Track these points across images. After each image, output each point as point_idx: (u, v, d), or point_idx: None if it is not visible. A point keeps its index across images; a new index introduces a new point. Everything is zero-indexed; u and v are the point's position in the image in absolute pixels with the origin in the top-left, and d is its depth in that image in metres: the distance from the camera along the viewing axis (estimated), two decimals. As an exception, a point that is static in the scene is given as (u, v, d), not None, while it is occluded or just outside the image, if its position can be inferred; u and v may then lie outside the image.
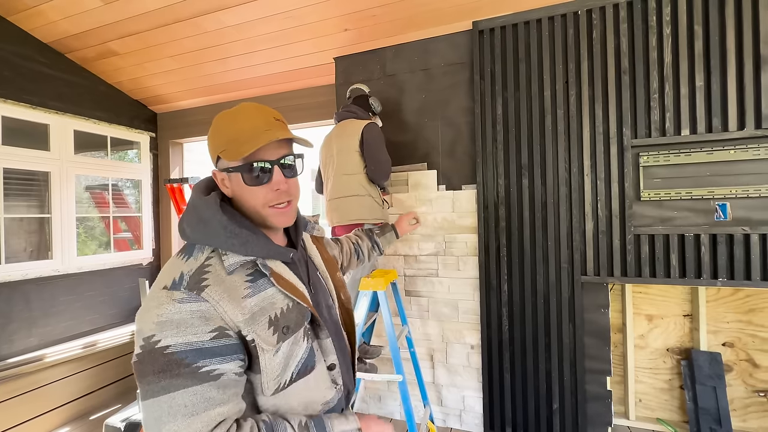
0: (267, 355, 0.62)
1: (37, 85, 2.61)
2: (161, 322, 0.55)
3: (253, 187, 0.66)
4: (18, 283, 2.51)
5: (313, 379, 0.68)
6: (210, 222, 0.63)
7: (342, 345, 0.80)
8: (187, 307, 0.56)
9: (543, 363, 2.02)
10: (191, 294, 0.57)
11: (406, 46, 2.34)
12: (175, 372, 0.53)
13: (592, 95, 1.93)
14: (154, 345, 0.54)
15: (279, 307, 0.65)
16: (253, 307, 0.62)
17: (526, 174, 2.05)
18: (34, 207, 2.71)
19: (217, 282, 0.60)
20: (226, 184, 0.69)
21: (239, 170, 0.65)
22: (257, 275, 0.65)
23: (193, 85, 2.99)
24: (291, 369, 0.65)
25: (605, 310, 1.94)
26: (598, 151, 1.91)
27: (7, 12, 2.40)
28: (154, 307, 0.56)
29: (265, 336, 0.62)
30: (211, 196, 0.67)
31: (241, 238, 0.63)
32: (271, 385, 0.63)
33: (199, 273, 0.60)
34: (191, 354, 0.54)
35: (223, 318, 0.58)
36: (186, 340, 0.55)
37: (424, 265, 2.30)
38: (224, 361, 0.57)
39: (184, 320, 0.55)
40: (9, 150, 2.48)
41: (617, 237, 1.89)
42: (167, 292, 0.58)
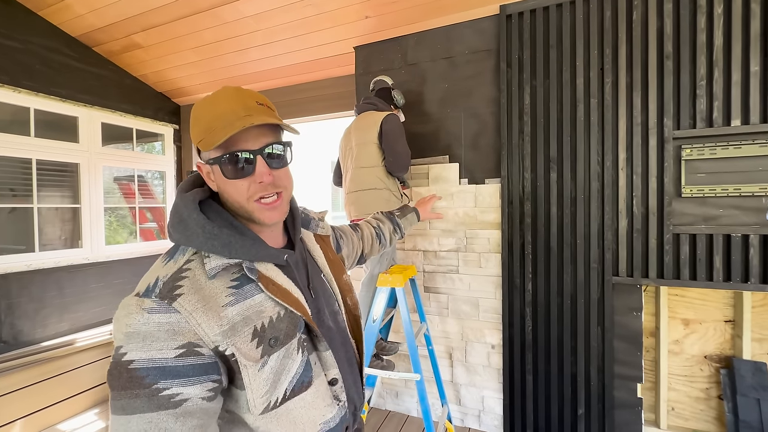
0: (250, 371, 0.54)
1: (66, 78, 2.68)
2: (129, 333, 0.49)
3: (234, 180, 0.59)
4: (51, 270, 2.61)
5: (310, 396, 0.61)
6: (188, 222, 0.57)
7: (349, 355, 0.73)
8: (156, 318, 0.50)
9: (568, 366, 1.93)
10: (162, 303, 0.51)
11: (429, 33, 2.25)
12: (134, 392, 0.47)
13: (630, 83, 1.78)
14: (121, 358, 0.49)
15: (267, 315, 0.58)
16: (234, 317, 0.54)
17: (555, 168, 1.93)
18: (68, 197, 2.81)
19: (194, 289, 0.53)
20: (211, 177, 0.62)
21: (218, 162, 0.58)
22: (244, 280, 0.58)
23: (214, 77, 3.00)
24: (284, 386, 0.58)
25: (638, 314, 1.82)
26: (635, 143, 1.78)
27: (37, 6, 2.46)
28: (124, 316, 0.50)
29: (247, 349, 0.54)
30: (190, 193, 0.60)
31: (221, 239, 0.56)
32: (258, 404, 0.55)
33: (174, 279, 0.53)
34: (152, 372, 0.48)
35: (196, 332, 0.51)
36: (149, 355, 0.48)
37: (444, 262, 2.23)
38: (189, 383, 0.49)
39: (151, 333, 0.49)
40: (41, 142, 2.57)
41: (654, 236, 1.76)
42: (138, 299, 0.51)
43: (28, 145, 2.51)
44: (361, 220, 1.14)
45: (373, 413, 2.37)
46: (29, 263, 2.50)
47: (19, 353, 2.34)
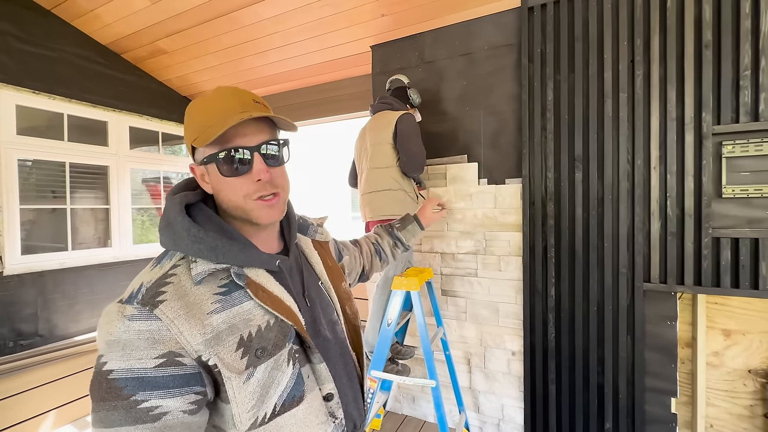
0: (234, 383, 0.51)
1: (96, 84, 2.80)
2: (109, 341, 0.47)
3: (230, 178, 0.57)
4: (83, 268, 2.74)
5: (302, 413, 0.57)
6: (174, 225, 0.55)
7: (349, 368, 0.69)
8: (136, 326, 0.47)
9: (594, 377, 1.82)
10: (143, 310, 0.48)
11: (446, 29, 2.19)
12: (112, 404, 0.45)
13: (664, 75, 1.66)
14: (101, 367, 0.47)
15: (256, 324, 0.55)
16: (219, 325, 0.52)
17: (580, 167, 1.83)
18: (100, 198, 2.93)
19: (178, 296, 0.51)
20: (205, 179, 0.61)
21: (213, 159, 0.57)
22: (232, 286, 0.55)
23: (234, 80, 3.05)
24: (272, 400, 0.54)
25: (672, 323, 1.70)
26: (669, 140, 1.65)
27: (70, 17, 2.58)
28: (105, 324, 0.48)
29: (230, 360, 0.51)
30: (177, 195, 0.58)
31: (207, 243, 0.54)
32: (244, 419, 0.52)
33: (158, 285, 0.51)
34: (131, 383, 0.46)
35: (178, 340, 0.49)
36: (128, 365, 0.46)
37: (462, 264, 2.16)
38: (169, 395, 0.47)
39: (131, 341, 0.47)
40: (74, 146, 2.69)
41: (690, 240, 1.63)
42: (119, 306, 0.50)
43: (62, 149, 2.64)
44: (361, 237, 1.09)
45: (389, 417, 2.34)
46: (63, 261, 2.63)
47: (54, 347, 2.47)
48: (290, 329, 0.58)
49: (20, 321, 2.42)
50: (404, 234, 1.14)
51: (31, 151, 2.48)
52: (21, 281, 2.42)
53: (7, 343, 2.36)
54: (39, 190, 2.59)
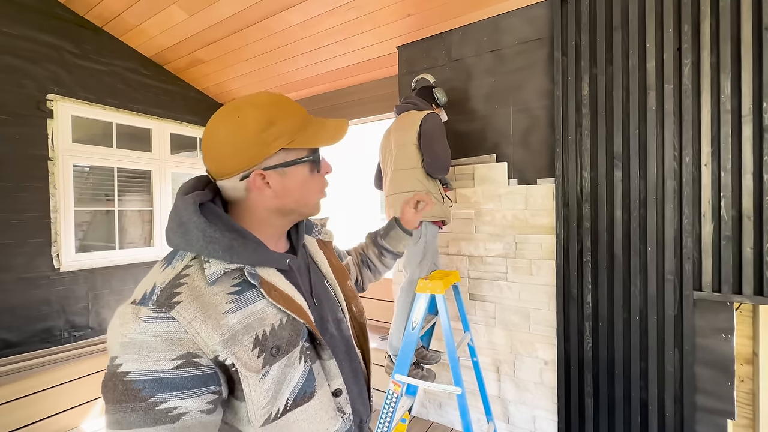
0: (251, 382, 0.51)
1: (141, 94, 3.00)
2: (124, 343, 0.47)
3: (319, 175, 0.65)
4: (129, 266, 2.94)
5: (313, 408, 0.58)
6: (187, 225, 0.54)
7: (354, 366, 0.69)
8: (153, 328, 0.47)
9: (637, 391, 1.69)
10: (159, 312, 0.48)
11: (474, 26, 2.13)
12: (130, 405, 0.45)
13: (717, 63, 1.51)
14: (116, 369, 0.46)
15: (269, 323, 0.55)
16: (234, 325, 0.52)
17: (619, 165, 1.71)
18: (144, 201, 3.14)
19: (193, 296, 0.51)
20: (270, 185, 0.59)
21: (304, 160, 0.61)
22: (245, 286, 0.55)
23: (267, 86, 3.15)
24: (285, 396, 0.55)
25: (728, 336, 1.53)
26: (723, 134, 1.50)
27: (119, 32, 2.78)
28: (119, 326, 0.48)
29: (248, 359, 0.52)
30: (190, 195, 0.57)
31: (222, 243, 0.53)
32: (259, 415, 0.52)
33: (173, 286, 0.51)
34: (149, 385, 0.46)
35: (195, 341, 0.49)
36: (146, 367, 0.46)
37: (491, 268, 2.09)
38: (187, 396, 0.47)
39: (147, 343, 0.47)
40: (121, 152, 2.90)
41: (749, 244, 1.46)
42: (134, 307, 0.49)
43: (111, 155, 2.85)
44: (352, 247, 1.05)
45: (415, 422, 2.29)
46: (112, 259, 2.83)
47: (102, 339, 2.66)
48: (302, 327, 0.58)
49: (74, 314, 2.63)
50: (388, 241, 1.03)
51: (84, 158, 2.70)
52: (75, 277, 2.63)
53: (62, 334, 2.57)
54: (91, 193, 2.81)
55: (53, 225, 2.51)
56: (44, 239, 2.48)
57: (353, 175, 4.67)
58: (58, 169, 2.54)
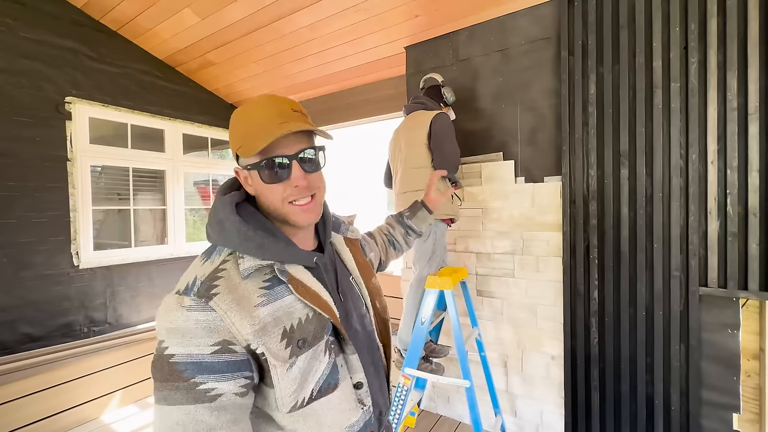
0: (279, 371, 0.56)
1: (155, 96, 3.07)
2: (170, 328, 0.52)
3: (271, 184, 0.62)
4: (144, 263, 3.02)
5: (336, 399, 0.62)
6: (225, 224, 0.60)
7: (376, 360, 0.73)
8: (194, 316, 0.52)
9: (643, 386, 1.71)
10: (199, 302, 0.53)
11: (481, 26, 2.16)
12: (174, 385, 0.51)
13: (723, 61, 1.53)
14: (163, 351, 0.52)
15: (297, 317, 0.59)
16: (265, 317, 0.56)
17: (626, 163, 1.73)
18: (159, 200, 3.22)
19: (229, 289, 0.56)
20: (248, 182, 0.65)
21: (256, 167, 0.61)
22: (275, 282, 0.60)
23: (276, 87, 3.21)
24: (310, 386, 0.59)
25: (734, 331, 1.56)
26: (729, 131, 1.52)
27: (133, 35, 2.85)
28: (165, 313, 0.54)
29: (276, 350, 0.56)
30: (228, 196, 0.63)
31: (255, 242, 0.58)
32: (286, 402, 0.57)
33: (211, 279, 0.56)
34: (190, 367, 0.51)
35: (231, 330, 0.53)
36: (188, 351, 0.51)
37: (499, 264, 2.12)
38: (223, 379, 0.52)
39: (189, 329, 0.52)
40: (136, 152, 2.98)
41: (755, 240, 1.48)
42: (178, 297, 0.55)
43: (127, 156, 2.93)
44: (375, 228, 1.12)
45: (423, 416, 2.34)
46: (127, 257, 2.92)
47: (120, 333, 2.74)
48: (327, 322, 0.62)
49: (92, 310, 2.72)
50: (414, 221, 1.15)
51: (101, 158, 2.78)
52: (93, 274, 2.72)
53: (82, 328, 2.66)
54: (107, 192, 2.90)
55: (72, 224, 2.60)
56: (64, 237, 2.57)
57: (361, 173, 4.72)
58: (77, 170, 2.62)
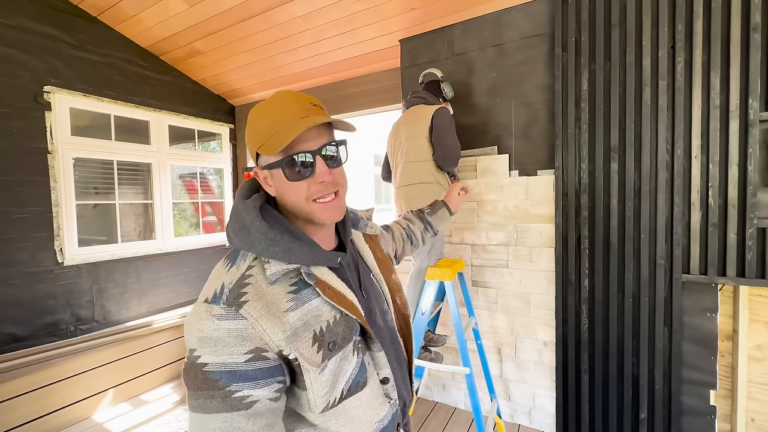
0: (312, 375, 0.57)
1: (139, 86, 2.96)
2: (202, 337, 0.52)
3: (295, 182, 0.60)
4: (131, 259, 2.94)
5: (365, 396, 0.63)
6: (250, 228, 0.59)
7: (398, 354, 0.74)
8: (225, 325, 0.52)
9: (629, 368, 1.82)
10: (230, 310, 0.53)
11: (476, 20, 2.18)
12: (210, 393, 0.51)
13: (707, 61, 1.61)
14: (195, 360, 0.52)
15: (325, 320, 0.59)
16: (295, 322, 0.56)
17: (616, 157, 1.81)
18: (140, 194, 3.12)
19: (258, 296, 0.55)
20: (269, 182, 0.64)
21: (279, 165, 0.60)
22: (301, 285, 0.60)
23: (266, 78, 3.15)
24: (341, 386, 0.60)
25: (713, 315, 1.67)
26: (712, 128, 1.61)
27: (114, 22, 2.73)
28: (195, 322, 0.54)
29: (309, 354, 0.56)
30: (251, 199, 0.62)
31: (282, 246, 0.58)
32: (319, 403, 0.58)
33: (239, 286, 0.56)
34: (225, 376, 0.51)
35: (262, 337, 0.54)
36: (222, 360, 0.52)
37: (493, 256, 2.19)
38: (258, 386, 0.53)
39: (222, 339, 0.52)
40: (120, 145, 2.87)
41: (733, 230, 1.59)
42: (207, 306, 0.54)
43: (111, 148, 2.82)
44: (392, 222, 1.10)
45: (420, 403, 2.41)
46: (113, 253, 2.83)
47: (108, 331, 2.67)
48: (355, 323, 0.63)
49: (79, 307, 2.64)
50: (434, 219, 1.16)
51: (83, 151, 2.67)
52: (78, 271, 2.63)
53: (68, 327, 2.58)
54: (91, 186, 2.79)
55: (55, 219, 2.50)
56: (47, 233, 2.46)
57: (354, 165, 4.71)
58: (58, 163, 2.51)
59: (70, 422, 2.24)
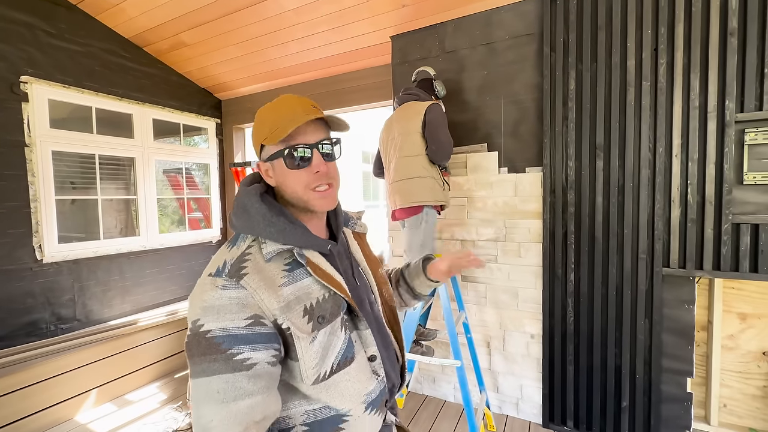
0: (303, 343, 0.62)
1: (121, 77, 2.87)
2: (205, 307, 0.58)
3: (294, 170, 0.68)
4: (114, 256, 2.86)
5: (353, 370, 0.68)
6: (250, 210, 0.66)
7: (386, 342, 0.79)
8: (227, 294, 0.58)
9: (612, 358, 1.90)
10: (231, 281, 0.59)
11: (467, 19, 2.21)
12: (213, 357, 0.56)
13: (688, 63, 1.68)
14: (199, 329, 0.57)
15: (315, 297, 0.65)
16: (288, 296, 0.62)
17: (601, 155, 1.87)
18: (122, 189, 3.04)
19: (256, 270, 0.61)
20: (270, 174, 0.71)
21: (281, 155, 0.67)
22: (294, 265, 0.66)
23: (255, 71, 3.10)
24: (330, 361, 0.65)
25: (690, 306, 1.76)
26: (691, 128, 1.68)
27: (96, 11, 2.63)
28: (200, 293, 0.60)
29: (300, 324, 0.62)
30: (252, 187, 0.70)
31: (278, 227, 0.64)
32: (310, 374, 0.62)
33: (240, 261, 0.62)
34: (227, 339, 0.56)
35: (260, 306, 0.59)
36: (224, 325, 0.57)
37: (483, 251, 2.23)
38: (257, 349, 0.58)
39: (224, 306, 0.57)
40: (102, 138, 2.78)
41: (710, 226, 1.67)
42: (211, 279, 0.60)
43: (92, 142, 2.73)
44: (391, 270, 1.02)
45: (410, 397, 2.44)
46: (96, 250, 2.75)
47: (91, 330, 2.60)
48: (342, 301, 0.68)
49: (59, 306, 2.55)
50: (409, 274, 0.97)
51: (63, 144, 2.57)
52: (58, 269, 2.54)
53: (48, 326, 2.49)
54: (71, 181, 2.69)
55: (34, 215, 2.40)
56: (25, 229, 2.37)
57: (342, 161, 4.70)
58: (36, 156, 2.41)
59: (51, 424, 2.17)
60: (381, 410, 0.72)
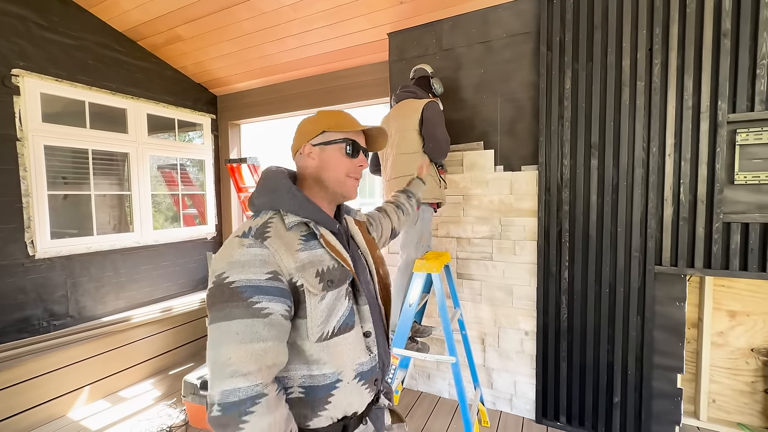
0: (313, 300, 0.71)
1: (115, 72, 2.83)
2: (231, 262, 0.66)
3: (345, 158, 0.82)
4: (108, 252, 2.83)
5: (351, 338, 0.76)
6: (277, 188, 0.77)
7: (378, 318, 0.87)
8: (252, 251, 0.67)
9: (605, 355, 1.92)
10: (256, 241, 0.68)
11: (465, 17, 2.21)
12: (234, 303, 0.63)
13: (682, 64, 1.70)
14: (223, 280, 0.65)
15: (326, 264, 0.75)
16: (303, 259, 0.72)
17: (596, 154, 1.89)
18: (115, 185, 3.00)
19: (277, 235, 0.71)
20: (313, 156, 0.82)
21: (342, 141, 0.81)
22: (310, 237, 0.76)
23: (251, 67, 3.08)
24: (333, 322, 0.73)
25: (681, 304, 1.78)
26: (684, 127, 1.70)
27: (89, 4, 2.60)
28: (228, 250, 0.68)
29: (313, 282, 0.71)
30: (278, 169, 0.82)
31: (299, 200, 0.76)
32: (315, 331, 0.71)
33: (264, 227, 0.72)
34: (249, 289, 0.64)
35: (279, 264, 0.69)
36: (247, 277, 0.65)
37: (478, 249, 2.24)
38: (274, 300, 0.66)
39: (248, 261, 0.66)
40: (95, 133, 2.75)
41: (702, 224, 1.70)
42: (238, 239, 0.70)
43: (85, 136, 2.70)
44: (384, 203, 1.34)
45: (405, 393, 2.46)
46: (89, 245, 2.72)
47: (84, 327, 2.58)
48: (348, 273, 0.77)
49: (52, 302, 2.52)
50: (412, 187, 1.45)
51: (55, 138, 2.54)
52: (51, 265, 2.51)
53: (41, 323, 2.47)
54: (64, 176, 2.66)
55: (26, 210, 2.37)
56: (17, 225, 2.34)
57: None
58: (29, 151, 2.38)
59: (44, 421, 2.16)
60: (370, 386, 0.79)
